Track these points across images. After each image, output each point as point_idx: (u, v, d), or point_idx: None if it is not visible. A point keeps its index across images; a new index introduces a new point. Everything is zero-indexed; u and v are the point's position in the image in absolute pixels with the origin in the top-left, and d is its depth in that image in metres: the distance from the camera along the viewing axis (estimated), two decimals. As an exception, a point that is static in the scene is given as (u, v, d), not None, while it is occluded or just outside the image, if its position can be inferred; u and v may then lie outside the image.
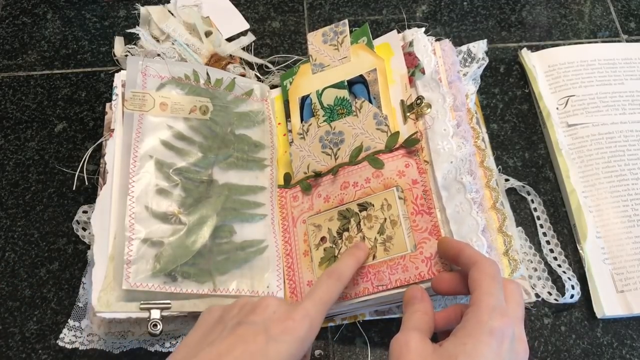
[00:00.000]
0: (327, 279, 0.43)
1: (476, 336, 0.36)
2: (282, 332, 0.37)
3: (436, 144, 0.50)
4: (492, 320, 0.36)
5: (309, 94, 0.59)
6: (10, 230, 0.59)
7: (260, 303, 0.40)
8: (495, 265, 0.40)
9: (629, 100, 0.65)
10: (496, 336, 0.36)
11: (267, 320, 0.38)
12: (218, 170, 0.56)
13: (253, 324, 0.38)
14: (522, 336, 0.38)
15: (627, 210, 0.59)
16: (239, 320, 0.39)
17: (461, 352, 0.35)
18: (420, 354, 0.37)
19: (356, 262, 0.47)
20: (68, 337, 0.52)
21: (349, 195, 0.53)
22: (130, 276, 0.48)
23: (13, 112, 0.66)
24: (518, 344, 0.37)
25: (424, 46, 0.56)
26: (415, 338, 0.38)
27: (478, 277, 0.39)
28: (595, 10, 0.74)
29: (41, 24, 0.72)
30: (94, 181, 0.61)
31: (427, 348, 0.37)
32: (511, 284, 0.40)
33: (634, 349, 0.54)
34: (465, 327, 0.37)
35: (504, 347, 0.36)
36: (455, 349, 0.36)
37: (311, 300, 0.41)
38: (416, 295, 0.43)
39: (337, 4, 0.74)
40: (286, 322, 0.38)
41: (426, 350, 0.37)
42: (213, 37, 0.68)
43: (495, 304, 0.37)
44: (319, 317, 0.40)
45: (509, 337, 0.36)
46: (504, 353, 0.35)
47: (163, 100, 0.55)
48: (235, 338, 0.37)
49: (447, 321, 0.42)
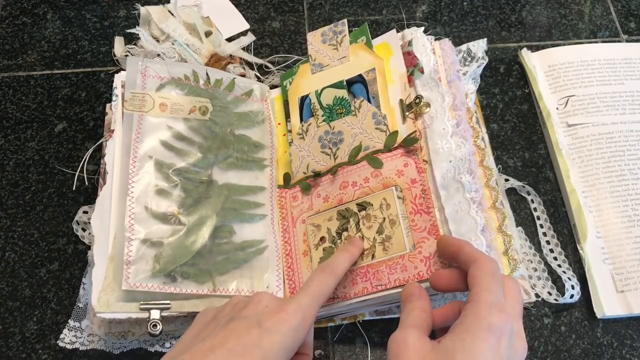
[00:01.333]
0: (320, 273, 0.43)
1: (474, 332, 0.36)
2: (274, 323, 0.38)
3: (435, 143, 0.50)
4: (490, 317, 0.36)
5: (308, 94, 0.59)
6: (10, 230, 0.59)
7: (252, 299, 0.40)
8: (494, 263, 0.40)
9: (629, 100, 0.65)
10: (494, 332, 0.35)
11: (260, 314, 0.39)
12: (218, 171, 0.56)
13: (246, 318, 0.38)
14: (520, 333, 0.38)
15: (627, 210, 0.59)
16: (232, 316, 0.39)
17: (459, 348, 0.35)
18: (418, 351, 0.37)
19: (350, 257, 0.47)
20: (68, 337, 0.52)
21: (348, 195, 0.53)
22: (129, 276, 0.48)
23: (13, 112, 0.66)
24: (517, 340, 0.37)
25: (422, 45, 0.55)
26: (414, 335, 0.38)
27: (477, 274, 0.39)
28: (595, 10, 0.74)
29: (41, 24, 0.72)
30: (94, 181, 0.61)
31: (425, 345, 0.37)
32: (510, 281, 0.40)
33: (634, 349, 0.54)
34: (463, 323, 0.37)
35: (502, 344, 0.36)
36: (454, 345, 0.36)
37: (304, 293, 0.41)
38: (414, 292, 0.43)
39: (337, 4, 0.74)
40: (279, 314, 0.38)
41: (424, 348, 0.37)
42: (213, 37, 0.68)
43: (493, 301, 0.37)
44: (311, 309, 0.40)
45: (507, 334, 0.36)
46: (502, 349, 0.35)
47: (163, 101, 0.55)
48: (229, 332, 0.38)
49: (445, 318, 0.42)
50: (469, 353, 0.35)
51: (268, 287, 0.53)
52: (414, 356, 0.36)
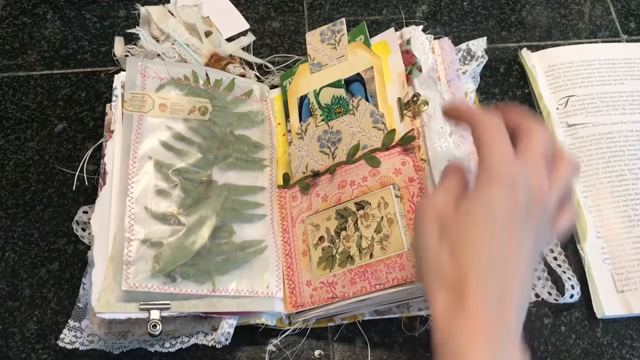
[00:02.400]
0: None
1: (484, 187, 0.35)
2: None
3: (433, 142, 0.50)
4: (498, 167, 0.35)
5: (307, 94, 0.59)
6: (10, 230, 0.59)
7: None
8: (494, 118, 0.37)
9: (629, 100, 0.65)
10: (504, 181, 0.34)
11: None
12: (217, 171, 0.56)
13: None
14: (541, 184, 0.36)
15: (627, 210, 0.59)
16: None
17: (472, 204, 0.35)
18: (442, 208, 0.36)
19: None
20: (68, 337, 0.52)
21: (347, 194, 0.53)
22: (129, 277, 0.48)
23: (13, 112, 0.66)
24: (535, 192, 0.35)
25: (421, 44, 0.55)
26: (441, 195, 0.37)
27: (477, 135, 0.37)
28: (595, 10, 0.74)
29: (41, 24, 0.72)
30: (94, 181, 0.61)
31: (450, 205, 0.36)
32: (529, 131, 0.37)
33: (634, 349, 0.54)
34: (477, 179, 0.36)
35: (518, 193, 0.34)
36: (468, 203, 0.35)
37: None
38: (454, 165, 0.41)
39: (337, 4, 0.74)
40: None
41: (448, 207, 0.36)
42: (213, 37, 0.68)
43: (499, 153, 0.35)
44: None
45: (522, 183, 0.34)
46: (519, 199, 0.34)
47: (162, 101, 0.55)
48: None
49: None
50: (484, 207, 0.34)
51: (268, 287, 0.53)
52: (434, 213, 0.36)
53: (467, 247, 0.35)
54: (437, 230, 0.37)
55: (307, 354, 0.54)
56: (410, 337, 0.54)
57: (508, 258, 0.34)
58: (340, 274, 0.51)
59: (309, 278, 0.53)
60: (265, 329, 0.53)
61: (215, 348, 0.52)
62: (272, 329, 0.53)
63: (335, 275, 0.51)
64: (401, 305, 0.54)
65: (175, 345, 0.52)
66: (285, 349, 0.54)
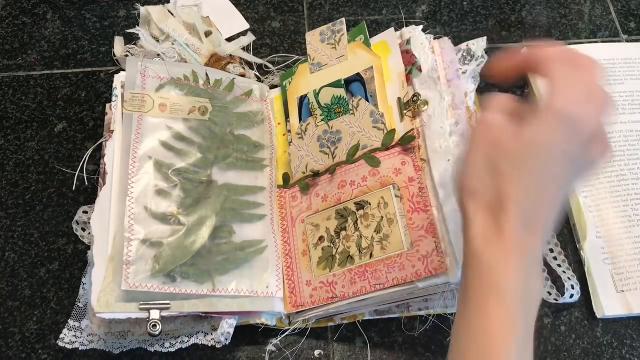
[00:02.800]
0: None
1: (554, 122, 0.34)
2: None
3: (433, 142, 0.50)
4: (572, 109, 0.34)
5: (307, 94, 0.59)
6: (10, 230, 0.59)
7: None
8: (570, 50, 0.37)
9: (629, 100, 0.65)
10: (566, 122, 0.34)
11: None
12: (217, 171, 0.56)
13: None
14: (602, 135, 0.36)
15: (627, 210, 0.59)
16: None
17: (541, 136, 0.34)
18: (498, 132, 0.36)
19: None
20: (68, 337, 0.52)
21: (347, 194, 0.53)
22: (129, 277, 0.48)
23: (13, 112, 0.66)
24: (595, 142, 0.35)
25: (421, 44, 0.55)
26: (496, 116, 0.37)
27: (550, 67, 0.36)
28: (595, 10, 0.74)
29: (41, 24, 0.72)
30: (94, 181, 0.61)
31: (508, 130, 0.36)
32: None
33: (634, 349, 0.54)
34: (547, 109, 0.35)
35: (581, 136, 0.34)
36: (535, 133, 0.35)
37: None
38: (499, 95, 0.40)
39: (337, 4, 0.74)
40: None
41: (505, 132, 0.36)
42: (213, 37, 0.68)
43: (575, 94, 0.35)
44: None
45: (586, 129, 0.34)
46: (580, 141, 0.34)
47: (162, 101, 0.55)
48: None
49: None
50: (539, 135, 0.34)
51: (268, 287, 0.53)
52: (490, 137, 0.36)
53: (519, 174, 0.35)
54: (488, 153, 0.37)
55: (307, 354, 0.54)
56: (410, 337, 0.54)
57: (551, 191, 0.36)
58: (340, 274, 0.51)
59: (309, 278, 0.53)
60: (265, 329, 0.53)
61: (215, 348, 0.52)
62: (272, 329, 0.53)
63: (335, 275, 0.51)
64: (401, 305, 0.54)
65: (175, 345, 0.52)
66: (285, 349, 0.54)
